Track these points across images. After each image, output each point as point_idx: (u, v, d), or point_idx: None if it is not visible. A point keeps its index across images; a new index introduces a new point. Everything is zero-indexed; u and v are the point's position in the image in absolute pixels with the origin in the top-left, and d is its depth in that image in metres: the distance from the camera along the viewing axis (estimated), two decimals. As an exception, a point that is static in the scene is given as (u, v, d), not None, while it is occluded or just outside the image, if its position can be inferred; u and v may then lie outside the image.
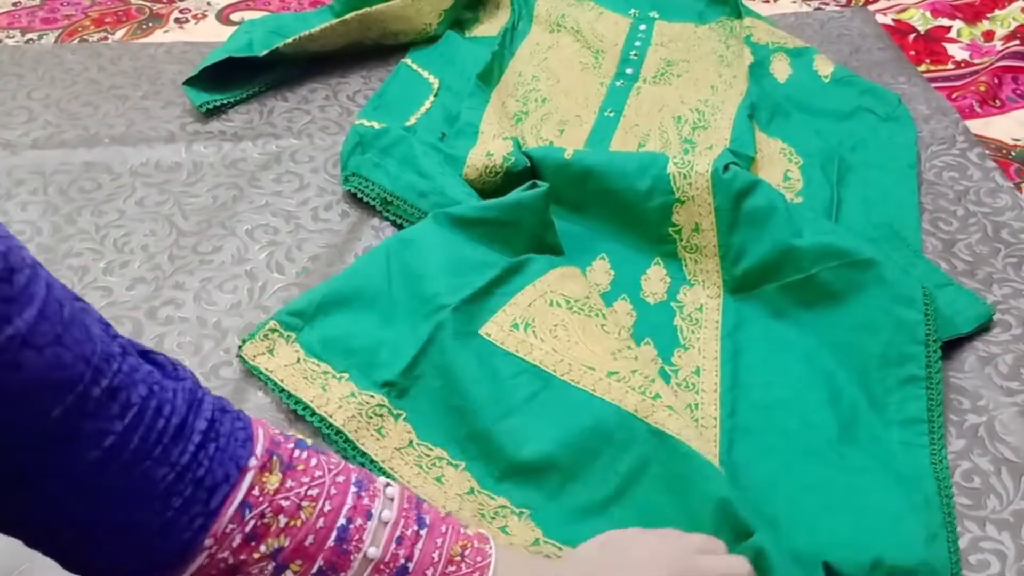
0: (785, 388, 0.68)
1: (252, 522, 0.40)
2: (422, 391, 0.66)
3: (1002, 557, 0.58)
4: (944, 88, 1.06)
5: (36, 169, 0.89)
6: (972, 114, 1.00)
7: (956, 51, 1.14)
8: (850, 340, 0.70)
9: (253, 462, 0.41)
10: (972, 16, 1.20)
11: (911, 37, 1.17)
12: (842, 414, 0.66)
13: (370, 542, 0.43)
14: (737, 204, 0.76)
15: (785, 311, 0.74)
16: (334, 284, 0.72)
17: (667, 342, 0.72)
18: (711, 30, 1.13)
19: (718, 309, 0.75)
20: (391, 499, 0.45)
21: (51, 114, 0.98)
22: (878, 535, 0.58)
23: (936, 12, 1.21)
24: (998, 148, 0.96)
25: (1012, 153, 0.95)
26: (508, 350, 0.67)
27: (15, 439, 0.34)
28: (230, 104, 0.99)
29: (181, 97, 1.00)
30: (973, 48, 1.14)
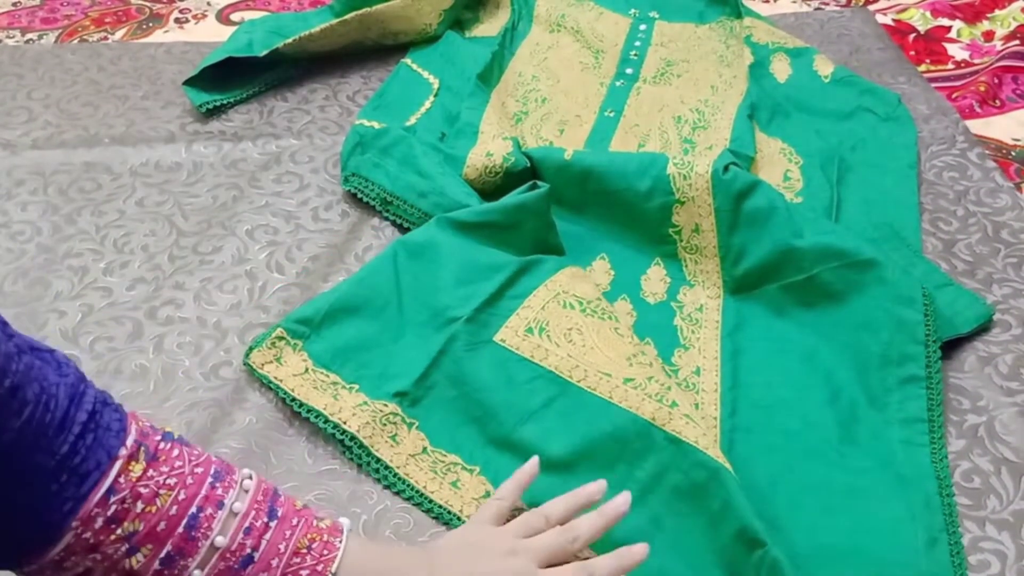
0: (785, 388, 0.68)
1: (114, 507, 0.43)
2: (435, 401, 0.66)
3: (1002, 557, 0.58)
4: (944, 88, 1.06)
5: (36, 169, 0.89)
6: (972, 114, 1.00)
7: (956, 51, 1.14)
8: (850, 340, 0.70)
9: (123, 452, 0.44)
10: (972, 16, 1.20)
11: (911, 37, 1.17)
12: (842, 414, 0.66)
13: (218, 531, 0.45)
14: (737, 205, 0.76)
15: (785, 311, 0.74)
16: (341, 292, 0.71)
17: (667, 342, 0.72)
18: (711, 30, 1.13)
19: (718, 309, 0.75)
20: (246, 491, 0.48)
21: (51, 114, 0.98)
22: (878, 541, 0.58)
23: (936, 12, 1.21)
24: (998, 148, 0.96)
25: (1012, 153, 0.95)
26: (523, 355, 0.67)
27: None
28: (230, 104, 0.99)
29: (181, 97, 1.00)
30: (973, 48, 1.14)
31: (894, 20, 1.21)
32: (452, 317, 0.68)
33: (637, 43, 1.10)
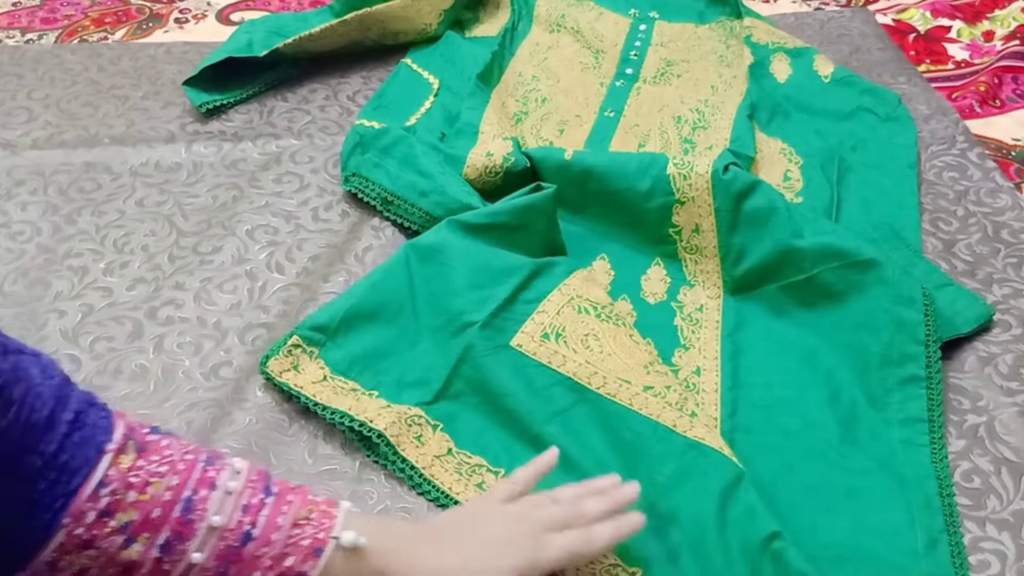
0: (786, 388, 0.68)
1: (105, 499, 0.43)
2: (460, 407, 0.66)
3: (1002, 557, 0.58)
4: (944, 88, 1.06)
5: (36, 169, 0.89)
6: (972, 114, 1.00)
7: (956, 51, 1.14)
8: (850, 340, 0.70)
9: (111, 446, 0.44)
10: (972, 16, 1.20)
11: (911, 37, 1.17)
12: (842, 414, 0.66)
13: (215, 511, 0.46)
14: (737, 205, 0.76)
15: (785, 311, 0.74)
16: (355, 298, 0.71)
17: (667, 342, 0.72)
18: (711, 30, 1.13)
19: (718, 309, 0.75)
20: (238, 472, 0.48)
21: (51, 114, 0.98)
22: (878, 541, 0.58)
23: (936, 12, 1.21)
24: (998, 148, 0.96)
25: (1012, 153, 0.95)
26: (540, 361, 0.67)
27: None
28: (230, 104, 0.99)
29: (181, 97, 1.00)
30: (973, 48, 1.14)
31: (894, 20, 1.21)
32: (467, 322, 0.68)
33: (637, 43, 1.10)
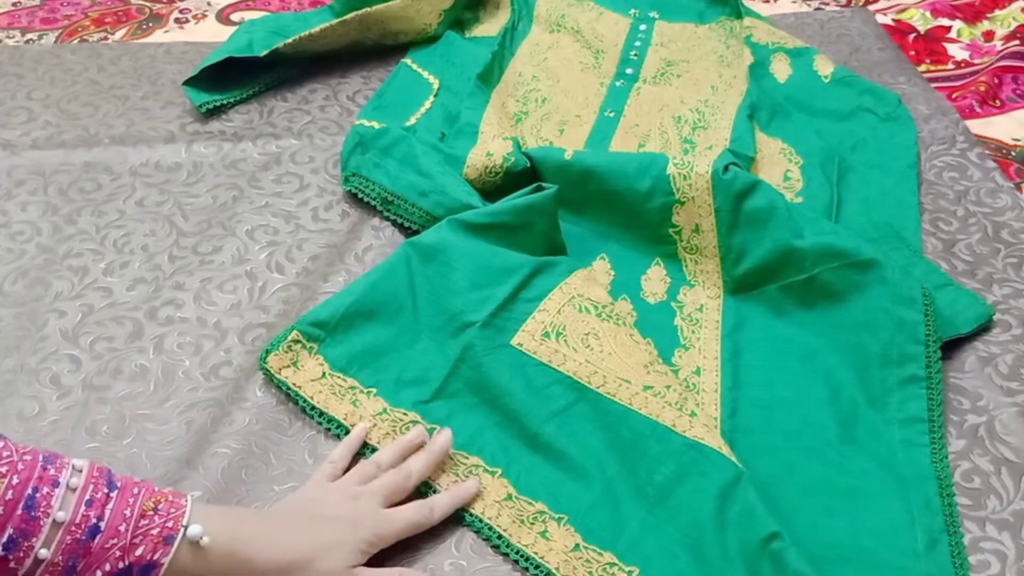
0: (786, 388, 0.68)
1: None
2: (457, 407, 0.66)
3: (1002, 557, 0.58)
4: (944, 88, 1.06)
5: (36, 169, 0.89)
6: (972, 114, 1.00)
7: (956, 51, 1.14)
8: (851, 340, 0.70)
9: None
10: (972, 16, 1.20)
11: (911, 37, 1.17)
12: (842, 414, 0.66)
13: (58, 507, 0.47)
14: (737, 205, 0.76)
15: (785, 311, 0.74)
16: (356, 295, 0.71)
17: (667, 342, 0.72)
18: (711, 30, 1.13)
19: (718, 309, 0.75)
20: (80, 470, 0.49)
21: (51, 114, 0.98)
22: (878, 542, 0.58)
23: (936, 12, 1.21)
24: (998, 148, 0.96)
25: (1012, 153, 0.95)
26: (541, 360, 0.67)
27: None
28: (230, 104, 0.99)
29: (181, 97, 1.00)
30: (973, 48, 1.14)
31: (894, 20, 1.21)
32: (467, 322, 0.68)
33: (637, 43, 1.10)
